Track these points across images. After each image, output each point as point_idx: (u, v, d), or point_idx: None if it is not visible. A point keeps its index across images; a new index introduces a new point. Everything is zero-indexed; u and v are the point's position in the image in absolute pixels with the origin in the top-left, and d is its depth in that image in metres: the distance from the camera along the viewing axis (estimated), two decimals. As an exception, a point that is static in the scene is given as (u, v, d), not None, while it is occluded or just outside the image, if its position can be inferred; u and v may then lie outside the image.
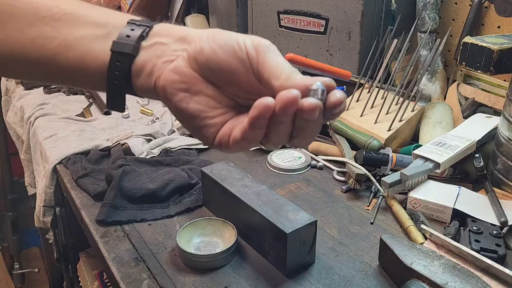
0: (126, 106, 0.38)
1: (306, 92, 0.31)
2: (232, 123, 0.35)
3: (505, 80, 0.84)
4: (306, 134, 0.32)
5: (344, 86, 0.97)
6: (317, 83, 0.31)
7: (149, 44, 0.36)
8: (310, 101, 0.30)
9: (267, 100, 0.30)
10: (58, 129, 0.97)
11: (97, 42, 0.36)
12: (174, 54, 0.35)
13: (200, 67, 0.34)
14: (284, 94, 0.29)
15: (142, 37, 0.36)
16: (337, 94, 0.31)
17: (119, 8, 1.57)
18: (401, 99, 0.84)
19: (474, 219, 0.61)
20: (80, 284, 1.03)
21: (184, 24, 1.43)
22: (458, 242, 0.56)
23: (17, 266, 1.82)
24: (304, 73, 1.16)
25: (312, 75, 1.18)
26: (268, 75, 0.33)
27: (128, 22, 0.37)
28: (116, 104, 0.37)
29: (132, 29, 0.36)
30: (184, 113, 0.35)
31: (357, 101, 0.90)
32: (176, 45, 0.35)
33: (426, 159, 0.68)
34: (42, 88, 1.23)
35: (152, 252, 0.60)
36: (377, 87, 0.89)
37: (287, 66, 0.33)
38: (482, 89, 0.87)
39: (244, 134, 0.32)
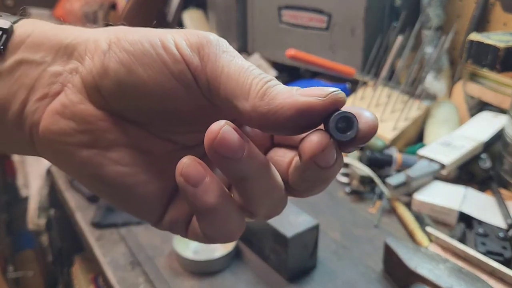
0: None
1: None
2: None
3: (512, 78, 0.82)
4: (319, 187, 0.21)
5: (347, 84, 0.95)
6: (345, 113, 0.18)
7: (9, 65, 0.21)
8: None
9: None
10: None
11: None
12: (58, 82, 0.21)
13: (107, 99, 0.20)
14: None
15: None
16: (367, 115, 0.19)
17: (113, 5, 1.54)
18: (406, 97, 0.83)
19: (480, 222, 0.60)
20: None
21: (181, 21, 1.40)
22: (464, 245, 0.55)
23: (12, 269, 1.80)
24: (306, 71, 1.13)
25: (314, 73, 1.16)
26: (226, 92, 0.19)
27: None
28: None
29: None
30: (96, 183, 0.21)
31: (361, 99, 0.89)
32: (58, 64, 0.21)
33: (432, 160, 0.67)
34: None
35: (149, 255, 0.59)
36: (382, 84, 0.88)
37: (256, 71, 0.20)
38: (489, 88, 0.85)
39: (201, 228, 0.20)
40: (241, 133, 0.18)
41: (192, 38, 0.20)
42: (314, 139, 0.18)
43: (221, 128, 0.18)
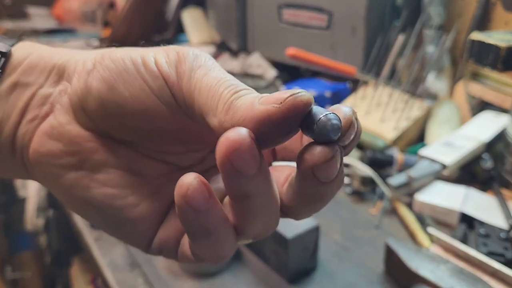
0: None
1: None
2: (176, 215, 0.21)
3: (513, 78, 0.81)
4: (314, 205, 0.20)
5: (348, 83, 0.95)
6: (330, 114, 0.16)
7: (7, 87, 0.20)
8: (321, 152, 0.16)
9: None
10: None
11: None
12: (48, 103, 0.21)
13: (93, 119, 0.20)
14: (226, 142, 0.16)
15: None
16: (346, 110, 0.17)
17: (112, 4, 1.53)
18: (407, 97, 0.82)
19: (482, 222, 0.60)
20: (74, 288, 1.01)
21: (181, 20, 1.40)
22: (465, 245, 0.54)
23: (9, 270, 1.79)
24: (306, 70, 1.13)
25: (314, 72, 1.16)
26: (199, 109, 0.18)
27: None
28: None
29: None
30: (85, 207, 0.21)
31: (362, 99, 0.88)
32: (49, 85, 0.21)
33: (433, 160, 0.67)
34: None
35: (148, 257, 0.58)
36: (382, 83, 0.87)
37: (229, 82, 0.18)
38: (490, 87, 0.85)
39: (192, 249, 0.20)
40: (258, 146, 0.16)
41: (171, 54, 0.20)
42: (317, 149, 0.16)
43: (243, 139, 0.15)
